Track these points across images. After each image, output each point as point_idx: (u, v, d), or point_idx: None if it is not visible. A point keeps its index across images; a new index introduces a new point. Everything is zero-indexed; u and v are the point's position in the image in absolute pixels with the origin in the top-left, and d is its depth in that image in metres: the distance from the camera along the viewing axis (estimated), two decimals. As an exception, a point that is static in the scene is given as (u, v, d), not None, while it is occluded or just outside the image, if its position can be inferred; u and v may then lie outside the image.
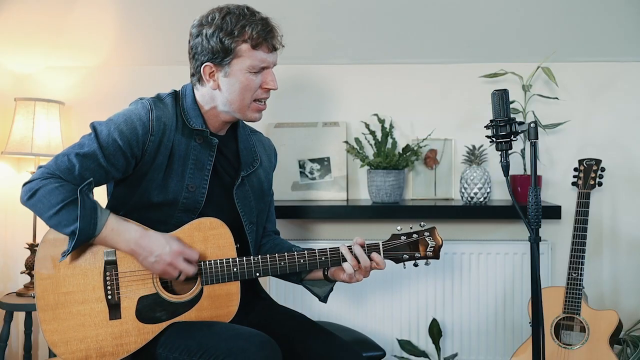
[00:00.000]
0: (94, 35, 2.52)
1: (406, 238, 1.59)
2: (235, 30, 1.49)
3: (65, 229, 1.41)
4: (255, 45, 1.51)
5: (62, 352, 1.46)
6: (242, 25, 1.50)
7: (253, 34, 1.50)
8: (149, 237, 1.46)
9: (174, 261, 1.45)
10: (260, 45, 1.52)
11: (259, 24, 1.51)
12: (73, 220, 1.39)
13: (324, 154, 2.52)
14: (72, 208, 1.39)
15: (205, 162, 1.57)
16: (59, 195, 1.40)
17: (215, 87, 1.55)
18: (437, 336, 2.36)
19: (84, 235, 1.40)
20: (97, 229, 1.42)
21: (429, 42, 2.49)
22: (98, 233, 1.42)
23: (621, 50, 2.45)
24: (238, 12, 1.51)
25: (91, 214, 1.41)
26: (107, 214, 1.45)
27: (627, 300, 2.47)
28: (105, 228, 1.43)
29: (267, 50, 1.54)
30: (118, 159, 1.49)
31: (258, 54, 1.52)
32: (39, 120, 2.41)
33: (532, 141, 1.44)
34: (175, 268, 1.46)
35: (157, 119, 1.51)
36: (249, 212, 1.66)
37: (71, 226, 1.40)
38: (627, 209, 2.48)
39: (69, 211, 1.40)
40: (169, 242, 1.46)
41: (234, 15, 1.50)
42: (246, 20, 1.50)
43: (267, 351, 1.38)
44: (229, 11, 1.52)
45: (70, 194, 1.41)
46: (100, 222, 1.42)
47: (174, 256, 1.45)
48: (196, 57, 1.55)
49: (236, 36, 1.49)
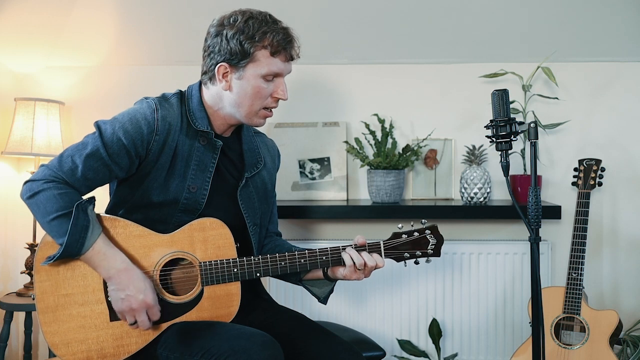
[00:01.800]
0: (94, 35, 2.52)
1: (407, 236, 1.59)
2: (256, 35, 1.49)
3: (55, 238, 1.43)
4: (274, 52, 1.51)
5: (63, 353, 1.46)
6: (263, 31, 1.50)
7: (273, 42, 1.50)
8: (130, 274, 1.45)
9: (139, 310, 1.44)
10: (279, 53, 1.52)
11: (281, 33, 1.52)
12: (63, 233, 1.40)
13: (324, 154, 2.52)
14: (64, 220, 1.40)
15: (208, 163, 1.57)
16: (55, 204, 1.41)
17: (226, 88, 1.55)
18: (437, 336, 2.36)
19: (68, 251, 1.41)
20: (84, 249, 1.42)
21: (429, 42, 2.49)
22: (83, 253, 1.42)
23: (621, 50, 2.45)
24: (261, 18, 1.52)
25: (81, 232, 1.41)
26: (97, 235, 1.44)
27: (627, 300, 2.47)
28: (92, 249, 1.43)
29: (285, 59, 1.54)
30: (122, 157, 1.49)
31: (275, 61, 1.52)
32: (39, 120, 2.41)
33: (532, 141, 1.44)
34: (135, 317, 1.45)
35: (162, 118, 1.51)
36: (252, 213, 1.65)
37: (60, 239, 1.41)
38: (627, 209, 2.48)
39: (61, 223, 1.40)
40: (145, 291, 1.44)
41: (257, 21, 1.51)
42: (268, 27, 1.51)
43: (269, 351, 1.38)
44: (251, 15, 1.52)
45: (68, 205, 1.41)
46: (88, 243, 1.42)
47: (141, 306, 1.44)
48: (212, 55, 1.54)
49: (257, 41, 1.50)
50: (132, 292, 1.43)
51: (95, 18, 2.45)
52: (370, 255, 1.55)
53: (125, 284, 1.44)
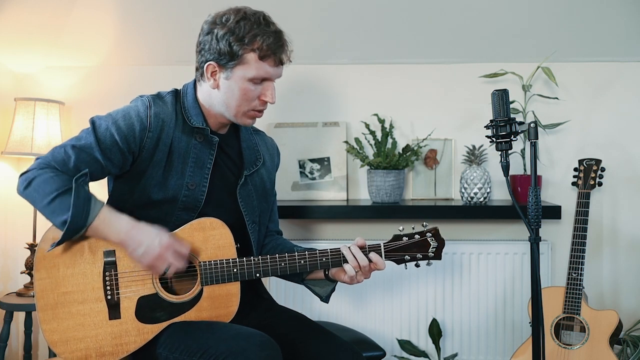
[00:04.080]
0: (94, 35, 2.52)
1: (408, 239, 1.58)
2: (246, 38, 1.48)
3: (58, 217, 1.40)
4: (262, 56, 1.50)
5: (62, 351, 1.46)
6: (254, 34, 1.49)
7: (263, 45, 1.49)
8: (139, 228, 1.44)
9: (162, 254, 1.42)
10: (268, 57, 1.51)
11: (271, 37, 1.50)
12: (66, 208, 1.38)
13: (324, 154, 2.52)
14: (66, 197, 1.39)
15: (205, 160, 1.57)
16: (53, 184, 1.40)
17: (214, 87, 1.55)
18: (437, 336, 2.36)
19: (75, 224, 1.39)
20: (89, 218, 1.40)
21: (429, 42, 2.49)
22: (90, 222, 1.41)
23: (621, 50, 2.45)
24: (253, 20, 1.50)
25: (84, 203, 1.40)
26: (100, 204, 1.44)
27: (627, 300, 2.47)
28: (97, 218, 1.41)
29: (274, 63, 1.53)
30: (114, 153, 1.49)
31: (263, 65, 1.52)
32: (39, 120, 2.41)
33: (532, 141, 1.44)
34: (164, 261, 1.43)
35: (155, 115, 1.52)
36: (251, 211, 1.66)
37: (64, 215, 1.38)
38: (627, 209, 2.48)
39: (62, 200, 1.39)
40: (159, 234, 1.44)
41: (249, 22, 1.49)
42: (259, 29, 1.49)
43: (267, 351, 1.38)
44: (244, 16, 1.50)
45: (65, 183, 1.41)
46: (93, 212, 1.41)
47: (163, 249, 1.42)
48: (202, 53, 1.55)
49: (246, 44, 1.49)
50: (148, 243, 1.42)
51: (95, 18, 2.45)
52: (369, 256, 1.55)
53: (139, 239, 1.42)
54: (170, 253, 1.43)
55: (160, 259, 1.43)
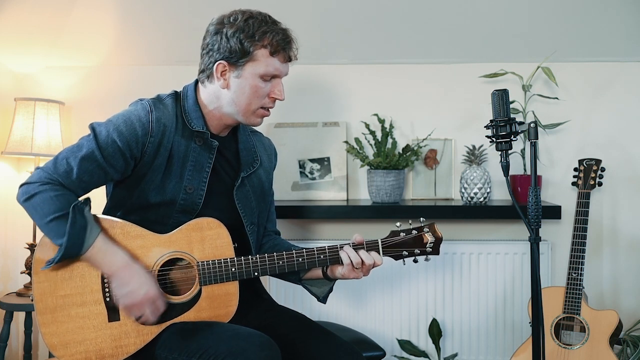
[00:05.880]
0: (94, 35, 2.52)
1: (405, 234, 1.58)
2: (256, 34, 1.50)
3: (54, 239, 1.43)
4: (273, 52, 1.52)
5: (62, 354, 1.46)
6: (263, 30, 1.51)
7: (273, 41, 1.51)
8: (131, 269, 1.45)
9: (143, 304, 1.44)
10: (278, 53, 1.53)
11: (280, 33, 1.53)
12: (62, 234, 1.40)
13: (324, 154, 2.52)
14: (62, 222, 1.41)
15: (204, 164, 1.57)
16: (52, 205, 1.41)
17: (224, 86, 1.55)
18: (437, 336, 2.36)
19: (69, 252, 1.41)
20: (83, 248, 1.42)
21: (429, 42, 2.48)
22: (84, 252, 1.43)
23: (621, 50, 2.45)
24: (261, 18, 1.53)
25: (79, 232, 1.41)
26: (96, 233, 1.44)
27: (627, 300, 2.47)
28: (92, 248, 1.43)
29: (283, 59, 1.55)
30: (117, 159, 1.49)
31: (274, 61, 1.53)
32: (39, 120, 2.41)
33: (532, 141, 1.44)
34: (140, 310, 1.45)
35: (156, 120, 1.51)
36: (249, 212, 1.65)
37: (59, 239, 1.41)
38: (627, 209, 2.47)
39: (59, 224, 1.41)
40: (147, 284, 1.44)
41: (257, 20, 1.52)
42: (268, 27, 1.52)
43: (266, 351, 1.38)
44: (251, 15, 1.53)
45: (64, 206, 1.41)
46: (87, 242, 1.42)
47: (144, 299, 1.44)
48: (211, 53, 1.54)
49: (257, 40, 1.50)
50: (134, 287, 1.43)
51: (95, 18, 2.45)
52: (368, 254, 1.55)
53: (127, 279, 1.43)
54: (148, 305, 1.45)
55: (139, 307, 1.44)
